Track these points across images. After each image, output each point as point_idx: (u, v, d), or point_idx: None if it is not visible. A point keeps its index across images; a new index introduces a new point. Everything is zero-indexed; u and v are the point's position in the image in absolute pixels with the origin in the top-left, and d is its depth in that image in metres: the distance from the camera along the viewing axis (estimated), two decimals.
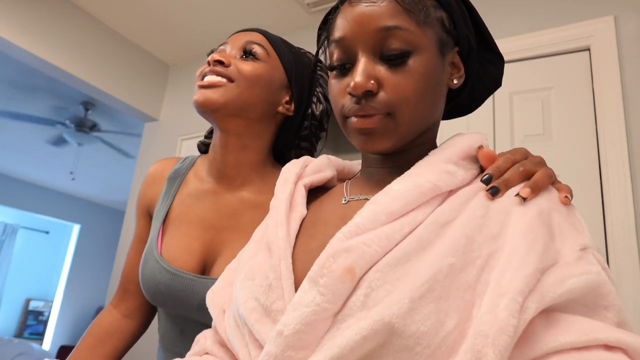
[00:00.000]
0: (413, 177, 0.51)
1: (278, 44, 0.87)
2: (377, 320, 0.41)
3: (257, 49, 0.84)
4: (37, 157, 5.19)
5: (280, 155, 0.94)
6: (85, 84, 2.65)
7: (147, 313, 0.95)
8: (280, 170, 0.85)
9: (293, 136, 0.91)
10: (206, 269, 0.82)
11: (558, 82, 1.82)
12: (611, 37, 1.75)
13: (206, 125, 2.76)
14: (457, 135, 0.59)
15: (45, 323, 6.52)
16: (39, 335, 6.44)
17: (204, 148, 0.96)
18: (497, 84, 0.66)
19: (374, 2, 0.54)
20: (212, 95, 0.79)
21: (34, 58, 2.41)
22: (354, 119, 0.54)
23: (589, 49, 1.79)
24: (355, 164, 0.72)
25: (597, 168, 1.67)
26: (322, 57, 0.65)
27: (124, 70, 2.85)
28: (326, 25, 0.63)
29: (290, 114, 0.88)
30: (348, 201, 0.58)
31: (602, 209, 1.62)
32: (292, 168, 0.65)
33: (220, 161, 0.86)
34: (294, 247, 0.55)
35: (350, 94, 0.54)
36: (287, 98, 0.87)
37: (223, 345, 0.59)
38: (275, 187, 0.63)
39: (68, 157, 5.07)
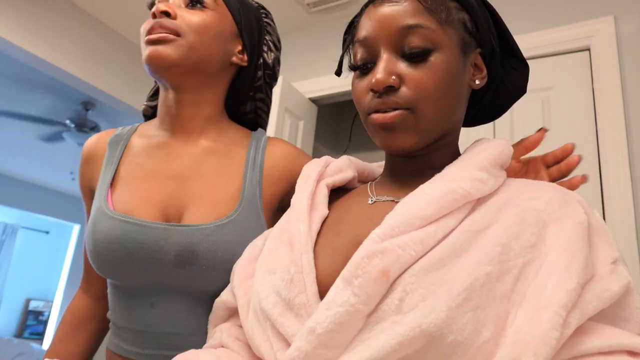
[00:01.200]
0: (446, 182, 0.51)
1: None
2: (414, 327, 0.41)
3: None
4: (38, 157, 5.20)
5: (234, 109, 0.89)
6: (85, 84, 2.65)
7: None
8: (234, 125, 0.86)
9: (247, 88, 0.86)
10: (171, 219, 0.73)
11: (558, 82, 1.82)
12: (611, 37, 1.75)
13: None
14: (484, 141, 0.59)
15: (45, 323, 6.52)
16: (39, 335, 6.44)
17: (150, 111, 0.90)
18: (522, 90, 0.66)
19: (397, 2, 0.56)
20: (164, 50, 0.73)
21: (33, 58, 2.42)
22: (375, 115, 0.55)
23: (589, 49, 1.79)
24: (374, 167, 0.72)
25: (597, 168, 1.67)
26: (345, 60, 0.65)
27: (124, 70, 2.85)
28: (351, 29, 0.65)
29: (244, 64, 0.83)
30: (375, 201, 0.58)
31: (602, 208, 1.62)
32: (313, 167, 0.65)
33: (174, 115, 0.80)
34: (315, 244, 0.55)
35: (372, 90, 0.55)
36: (240, 48, 0.83)
37: (239, 339, 0.59)
38: (297, 185, 0.63)
39: (68, 157, 5.08)
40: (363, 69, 0.58)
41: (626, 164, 1.61)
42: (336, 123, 3.19)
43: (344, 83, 2.33)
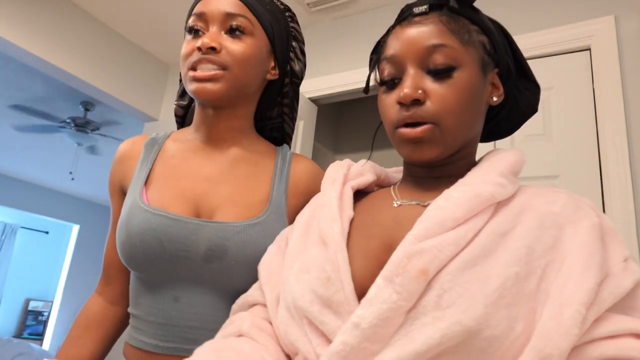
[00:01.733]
0: (471, 186, 0.56)
1: (256, 7, 0.84)
2: (454, 322, 0.46)
3: (241, 22, 0.81)
4: (37, 157, 5.19)
5: (261, 114, 0.93)
6: (85, 84, 2.65)
7: None
8: (260, 137, 0.93)
9: (275, 95, 0.91)
10: (202, 217, 0.78)
11: (558, 82, 1.82)
12: (611, 37, 1.75)
13: None
14: (501, 150, 0.64)
15: (45, 323, 6.51)
16: (39, 336, 6.44)
17: (182, 111, 0.95)
18: (534, 109, 0.71)
19: (423, 24, 0.61)
20: (212, 87, 0.77)
21: (33, 58, 2.41)
22: (404, 129, 0.59)
23: (589, 49, 1.79)
24: (390, 172, 0.76)
25: (597, 168, 1.67)
26: (372, 78, 0.70)
27: (124, 70, 2.85)
28: (377, 49, 0.69)
29: (276, 78, 0.88)
30: (400, 204, 0.62)
31: (602, 208, 1.62)
32: (338, 169, 0.69)
33: (210, 125, 0.85)
34: (347, 244, 0.59)
35: (399, 102, 0.59)
36: (273, 64, 0.87)
37: (262, 329, 0.62)
38: (323, 186, 0.67)
39: (68, 157, 5.07)
40: (390, 84, 0.62)
41: (627, 164, 1.61)
42: (336, 123, 3.19)
43: (344, 83, 2.33)
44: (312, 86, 2.42)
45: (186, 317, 0.75)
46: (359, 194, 0.69)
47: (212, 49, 0.77)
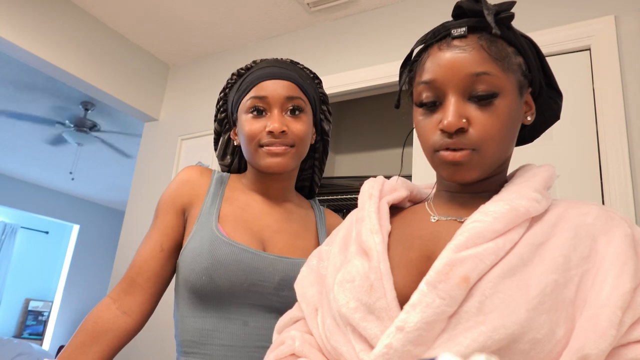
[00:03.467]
0: (508, 201, 0.57)
1: (307, 87, 0.98)
2: (498, 327, 0.48)
3: (299, 104, 0.96)
4: (37, 157, 5.19)
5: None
6: (85, 84, 2.65)
7: (148, 311, 0.93)
8: (295, 191, 1.08)
9: (309, 151, 1.06)
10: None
11: (558, 82, 1.81)
12: (611, 37, 1.75)
13: (206, 125, 2.76)
14: (534, 166, 0.66)
15: (45, 323, 6.51)
16: (39, 335, 6.44)
17: (227, 169, 1.09)
18: (556, 117, 0.72)
19: (464, 50, 0.61)
20: (282, 161, 0.93)
21: (33, 58, 2.41)
22: (444, 152, 0.61)
23: (589, 49, 1.79)
24: (421, 187, 0.79)
25: (597, 168, 1.67)
26: (404, 91, 0.71)
27: (124, 70, 2.85)
28: (409, 63, 0.70)
29: (314, 142, 1.04)
30: (437, 220, 0.65)
31: None
32: (374, 185, 0.71)
33: (267, 186, 1.00)
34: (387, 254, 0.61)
35: (442, 130, 0.60)
36: (314, 130, 1.03)
37: (311, 345, 0.64)
38: (360, 201, 0.71)
39: (68, 157, 5.07)
40: (429, 106, 0.63)
41: (627, 164, 1.61)
42: (336, 123, 3.19)
43: (344, 83, 2.33)
44: None
45: (254, 338, 0.87)
46: (393, 209, 0.72)
47: (282, 132, 0.92)
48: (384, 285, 0.56)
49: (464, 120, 0.59)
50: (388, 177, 0.77)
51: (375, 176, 0.75)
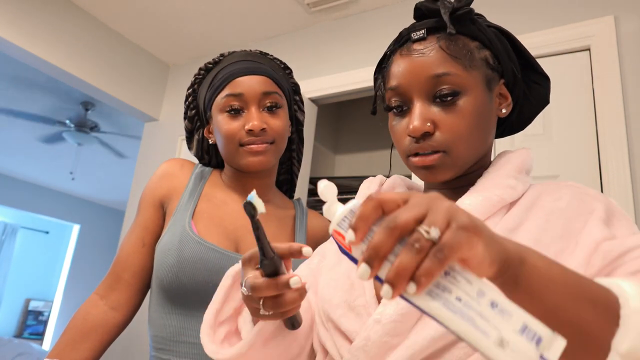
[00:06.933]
0: (482, 192, 0.59)
1: (281, 80, 0.96)
2: None
3: (277, 99, 0.94)
4: (37, 157, 5.19)
5: None
6: (85, 84, 2.65)
7: (135, 306, 0.94)
8: (278, 191, 1.07)
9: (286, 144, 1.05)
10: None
11: (558, 82, 1.82)
12: (611, 37, 1.75)
13: None
14: (507, 152, 0.66)
15: (45, 323, 6.51)
16: (39, 335, 6.44)
17: (206, 162, 1.07)
18: (545, 101, 0.71)
19: (423, 53, 0.61)
20: (264, 159, 0.92)
21: (33, 58, 2.41)
22: (414, 159, 0.62)
23: (589, 49, 1.79)
24: (419, 184, 0.79)
25: (597, 168, 1.67)
26: (379, 96, 0.72)
27: (124, 70, 2.85)
28: (380, 69, 0.72)
29: (290, 134, 1.03)
30: None
31: None
32: (372, 185, 0.72)
33: (244, 184, 0.98)
34: None
35: (409, 135, 0.61)
36: (290, 123, 1.01)
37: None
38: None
39: (68, 157, 5.07)
40: (399, 111, 0.64)
41: (626, 164, 1.61)
42: (336, 123, 3.19)
43: (344, 83, 2.33)
44: (312, 86, 2.42)
45: None
46: None
47: (262, 129, 0.91)
48: (363, 283, 0.59)
49: (429, 124, 0.59)
50: (388, 177, 0.77)
51: (374, 176, 0.76)
